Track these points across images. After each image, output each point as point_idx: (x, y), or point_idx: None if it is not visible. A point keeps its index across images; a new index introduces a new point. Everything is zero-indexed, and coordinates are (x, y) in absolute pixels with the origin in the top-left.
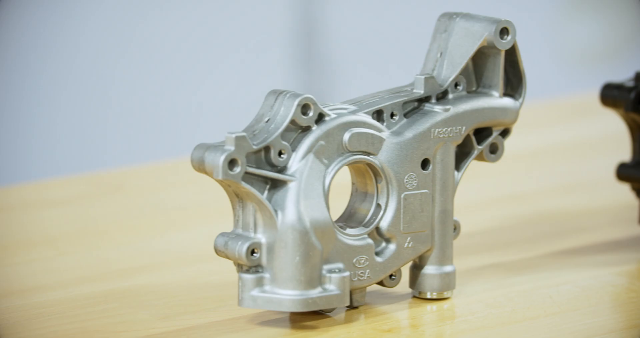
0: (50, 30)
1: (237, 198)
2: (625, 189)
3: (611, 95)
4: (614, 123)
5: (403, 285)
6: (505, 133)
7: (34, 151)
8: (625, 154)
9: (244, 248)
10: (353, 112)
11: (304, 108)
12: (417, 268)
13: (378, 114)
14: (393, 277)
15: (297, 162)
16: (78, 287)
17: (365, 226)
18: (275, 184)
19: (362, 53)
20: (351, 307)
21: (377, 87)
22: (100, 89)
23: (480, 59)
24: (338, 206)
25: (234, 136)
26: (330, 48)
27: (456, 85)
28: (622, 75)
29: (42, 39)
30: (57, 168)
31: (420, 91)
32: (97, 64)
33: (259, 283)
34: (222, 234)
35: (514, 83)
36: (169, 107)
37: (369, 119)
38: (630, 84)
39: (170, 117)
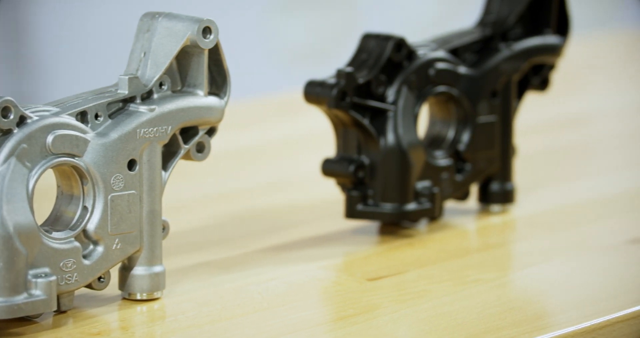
0: None
1: None
2: (331, 185)
3: (314, 92)
4: (321, 120)
5: (113, 287)
6: (211, 131)
7: None
8: (332, 150)
9: None
10: (56, 114)
11: (4, 111)
12: (126, 269)
13: (82, 116)
14: (102, 279)
15: None
16: None
17: (72, 229)
18: None
19: (70, 54)
20: (59, 311)
21: (86, 88)
22: None
23: (184, 58)
24: (44, 210)
25: None
26: (37, 49)
27: (161, 85)
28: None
29: None
30: None
31: (124, 92)
32: None
33: None
34: None
35: (218, 82)
36: None
37: (72, 120)
38: (332, 81)
39: None
